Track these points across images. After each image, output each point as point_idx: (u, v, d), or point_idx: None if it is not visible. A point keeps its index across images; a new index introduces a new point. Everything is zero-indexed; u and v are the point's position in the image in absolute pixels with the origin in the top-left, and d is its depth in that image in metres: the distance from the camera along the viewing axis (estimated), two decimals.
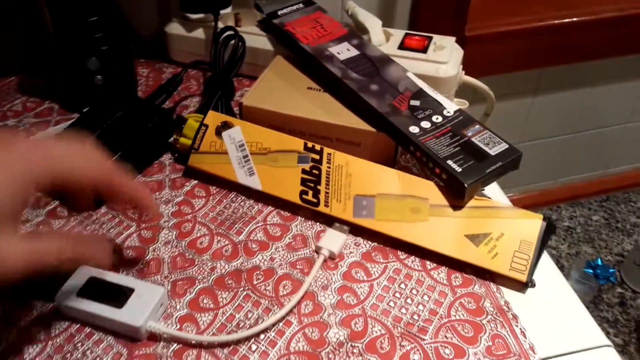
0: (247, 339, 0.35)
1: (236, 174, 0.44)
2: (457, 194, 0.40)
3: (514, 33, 0.86)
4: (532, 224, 0.39)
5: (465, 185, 0.39)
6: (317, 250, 0.40)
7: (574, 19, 0.89)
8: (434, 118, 0.44)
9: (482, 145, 0.42)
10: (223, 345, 0.35)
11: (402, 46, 0.55)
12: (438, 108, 0.45)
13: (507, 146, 0.42)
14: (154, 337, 0.35)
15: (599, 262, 1.15)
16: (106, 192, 0.35)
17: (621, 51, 0.99)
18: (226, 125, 0.45)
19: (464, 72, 0.55)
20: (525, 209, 0.40)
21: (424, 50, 0.54)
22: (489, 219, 0.39)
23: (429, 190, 0.41)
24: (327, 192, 0.41)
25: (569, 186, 1.28)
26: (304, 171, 0.42)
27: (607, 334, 1.05)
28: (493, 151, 0.41)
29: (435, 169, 0.41)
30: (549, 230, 0.39)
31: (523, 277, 0.37)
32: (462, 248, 0.38)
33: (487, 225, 0.39)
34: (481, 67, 0.88)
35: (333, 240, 0.41)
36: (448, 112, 0.45)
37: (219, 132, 0.45)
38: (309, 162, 0.43)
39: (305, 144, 0.43)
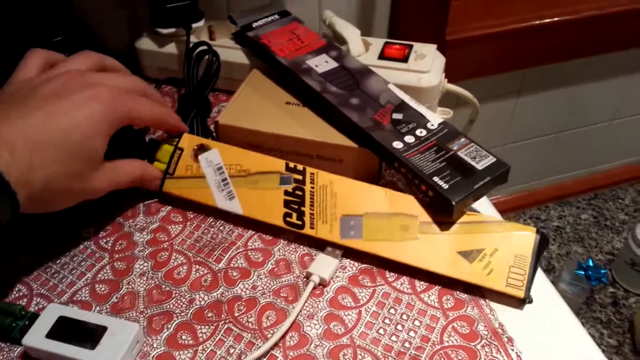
0: None
1: (215, 199, 0.42)
2: (444, 211, 0.38)
3: (496, 35, 0.85)
4: (525, 238, 0.37)
5: (453, 202, 0.37)
6: (307, 277, 0.38)
7: (555, 19, 0.88)
8: (417, 132, 0.42)
9: (468, 160, 0.40)
10: None
11: (382, 56, 0.53)
12: (422, 121, 0.43)
13: (494, 159, 0.40)
14: None
15: (591, 263, 1.15)
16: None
17: (604, 49, 0.98)
18: (203, 148, 0.43)
19: (446, 79, 0.54)
20: (513, 210, 0.39)
21: (405, 59, 0.52)
22: (481, 234, 0.38)
23: (418, 207, 0.39)
24: (312, 214, 0.39)
25: (556, 186, 1.28)
26: (286, 192, 0.40)
27: (601, 335, 1.05)
28: (480, 165, 0.40)
29: (421, 186, 0.39)
30: (543, 243, 0.38)
31: (521, 293, 0.36)
32: (456, 265, 0.37)
33: (479, 241, 0.37)
34: (464, 70, 0.87)
35: (324, 265, 0.38)
36: (432, 125, 0.43)
37: (195, 155, 0.43)
38: (292, 183, 0.41)
39: (287, 164, 0.41)
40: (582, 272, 1.13)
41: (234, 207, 0.41)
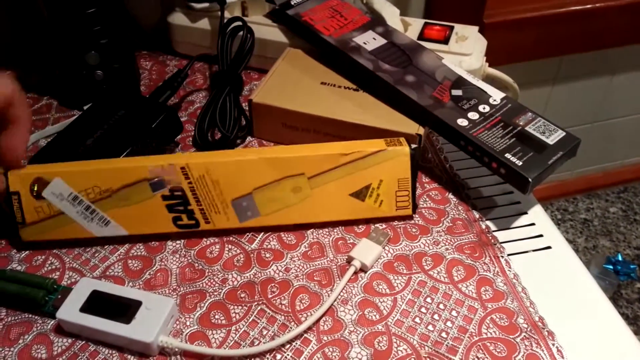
0: (266, 353, 0.33)
1: (89, 230, 0.37)
2: (519, 188, 0.38)
3: (534, 20, 0.82)
4: (402, 159, 0.38)
5: (530, 179, 0.37)
6: (348, 261, 0.37)
7: (596, 5, 0.85)
8: (480, 108, 0.41)
9: (538, 135, 0.39)
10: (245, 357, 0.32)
11: (421, 37, 0.51)
12: (483, 97, 0.42)
13: (564, 133, 0.39)
14: (164, 353, 0.33)
15: (620, 257, 1.12)
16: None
17: None
18: (42, 182, 0.36)
19: (487, 63, 0.52)
20: (541, 200, 0.38)
21: (445, 41, 0.50)
22: (365, 170, 0.38)
23: (301, 164, 0.38)
24: (201, 209, 0.37)
25: (585, 177, 1.25)
26: (165, 197, 0.36)
27: None
28: (551, 140, 0.39)
29: (492, 164, 0.39)
30: (416, 153, 0.39)
31: (409, 211, 0.39)
32: (352, 208, 0.38)
33: (365, 177, 0.38)
34: (499, 55, 0.84)
35: (366, 251, 0.37)
36: (494, 100, 0.42)
37: (37, 193, 0.36)
38: (165, 185, 0.37)
39: (149, 168, 0.36)
40: (611, 267, 1.10)
41: (114, 231, 0.37)
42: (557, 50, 0.90)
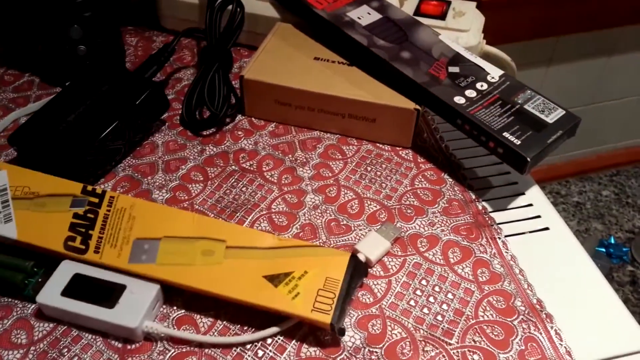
0: (254, 342, 0.32)
1: None
2: (517, 168, 0.37)
3: None
4: (339, 261, 0.32)
5: (528, 159, 0.35)
6: (354, 253, 0.36)
7: None
8: (478, 85, 0.40)
9: (537, 113, 0.38)
10: (227, 347, 0.31)
11: (417, 12, 0.49)
12: (480, 74, 0.41)
13: (564, 112, 0.38)
14: (149, 338, 0.32)
15: (612, 240, 1.12)
16: None
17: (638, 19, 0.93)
18: None
19: (484, 41, 0.50)
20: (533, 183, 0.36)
21: (442, 16, 0.49)
22: (293, 258, 0.32)
23: (228, 231, 0.34)
24: (100, 237, 0.34)
25: (578, 160, 1.24)
26: (76, 215, 0.34)
27: None
28: (550, 119, 0.37)
29: (489, 143, 0.37)
30: (360, 267, 0.33)
31: (327, 318, 0.30)
32: (259, 290, 0.31)
33: (289, 264, 0.32)
34: (495, 34, 0.83)
35: (374, 245, 0.35)
36: (492, 77, 0.41)
37: None
38: (85, 205, 0.35)
39: (85, 187, 0.35)
40: (604, 250, 1.10)
41: (7, 231, 0.34)
42: (553, 31, 0.89)
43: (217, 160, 0.42)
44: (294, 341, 0.32)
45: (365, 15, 0.46)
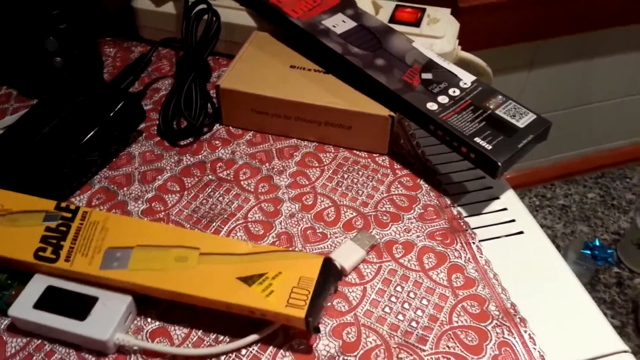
0: (228, 352, 0.31)
1: None
2: (489, 172, 0.37)
3: (509, 4, 0.81)
4: (313, 263, 0.32)
5: (499, 163, 0.36)
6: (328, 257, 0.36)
7: None
8: (450, 91, 0.40)
9: (508, 118, 0.38)
10: (201, 359, 0.31)
11: (392, 19, 0.50)
12: (453, 80, 0.41)
13: (534, 116, 0.39)
14: (123, 351, 0.31)
15: (597, 242, 1.13)
16: None
17: (621, 21, 0.94)
18: None
19: (460, 47, 0.51)
20: (518, 187, 0.37)
21: (417, 23, 0.49)
22: (266, 262, 0.33)
23: (203, 239, 0.34)
24: (72, 247, 0.33)
25: (563, 163, 1.25)
26: (48, 229, 0.34)
27: (604, 315, 1.04)
28: (521, 123, 0.38)
29: (461, 148, 0.38)
30: (334, 271, 0.33)
31: (302, 313, 0.30)
32: (233, 290, 0.31)
33: (263, 267, 0.32)
34: (474, 40, 0.84)
35: (348, 253, 0.35)
36: (465, 83, 0.41)
37: None
38: (58, 219, 0.35)
39: (58, 204, 0.35)
40: (589, 252, 1.11)
41: None
42: (534, 35, 0.90)
43: (194, 170, 0.42)
44: (269, 350, 0.32)
45: (340, 24, 0.46)
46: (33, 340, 0.32)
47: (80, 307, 0.32)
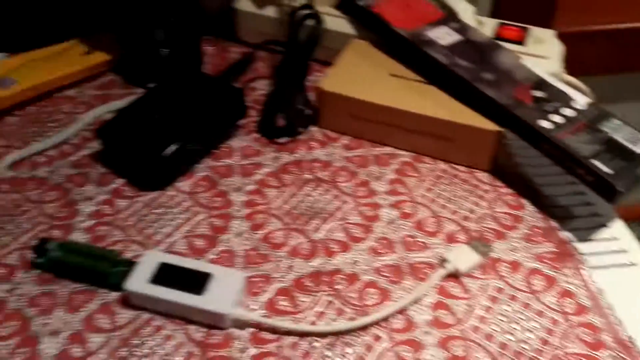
0: (344, 333, 0.31)
1: None
2: (607, 198, 0.36)
3: (609, 33, 0.78)
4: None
5: (621, 190, 0.35)
6: (442, 260, 0.35)
7: None
8: (564, 111, 0.39)
9: (627, 144, 0.37)
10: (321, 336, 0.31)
11: (496, 37, 0.49)
12: (567, 100, 0.40)
13: None
14: (238, 326, 0.32)
15: None
16: None
17: None
18: None
19: (564, 70, 0.50)
20: (626, 220, 0.35)
21: (521, 42, 0.49)
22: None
23: None
24: None
25: None
26: None
27: None
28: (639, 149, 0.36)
29: (577, 169, 0.36)
30: None
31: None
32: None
33: None
34: (571, 67, 0.81)
35: (464, 257, 0.35)
36: (579, 105, 0.40)
37: None
38: None
39: None
40: None
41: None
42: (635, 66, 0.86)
43: (292, 167, 0.43)
44: (372, 350, 0.31)
45: (444, 36, 0.46)
46: (143, 314, 0.33)
47: (195, 282, 0.32)
